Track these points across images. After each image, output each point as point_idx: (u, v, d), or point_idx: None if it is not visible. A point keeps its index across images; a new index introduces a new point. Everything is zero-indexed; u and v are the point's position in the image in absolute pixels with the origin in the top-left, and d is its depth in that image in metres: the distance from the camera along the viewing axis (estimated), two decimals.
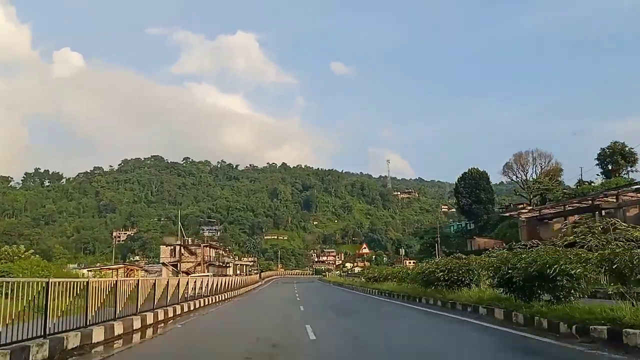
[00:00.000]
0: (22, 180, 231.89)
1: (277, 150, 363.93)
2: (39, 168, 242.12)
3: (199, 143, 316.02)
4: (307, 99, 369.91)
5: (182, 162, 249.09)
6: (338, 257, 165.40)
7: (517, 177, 74.42)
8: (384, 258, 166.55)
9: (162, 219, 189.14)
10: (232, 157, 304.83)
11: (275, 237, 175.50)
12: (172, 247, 62.21)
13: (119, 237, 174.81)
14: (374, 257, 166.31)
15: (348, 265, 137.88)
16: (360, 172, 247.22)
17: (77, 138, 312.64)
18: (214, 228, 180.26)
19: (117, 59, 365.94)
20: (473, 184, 79.29)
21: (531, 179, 70.65)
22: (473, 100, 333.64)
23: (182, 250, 61.32)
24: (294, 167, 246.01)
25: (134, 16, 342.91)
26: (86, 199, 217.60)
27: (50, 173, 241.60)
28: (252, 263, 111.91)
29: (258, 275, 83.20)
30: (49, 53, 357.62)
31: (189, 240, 67.37)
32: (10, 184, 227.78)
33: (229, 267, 77.16)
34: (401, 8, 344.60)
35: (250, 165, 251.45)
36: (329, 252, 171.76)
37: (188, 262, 59.75)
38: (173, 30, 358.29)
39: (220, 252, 76.76)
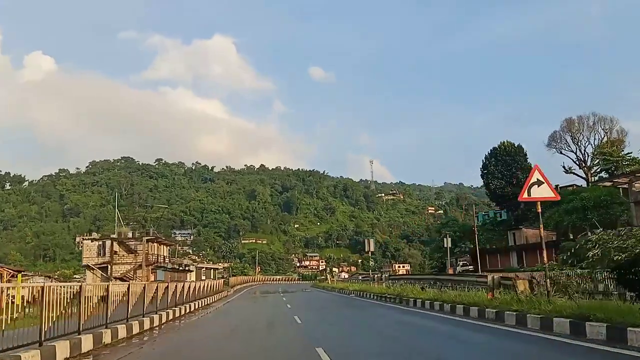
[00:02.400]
0: None
1: (254, 155, 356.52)
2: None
3: (174, 147, 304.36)
4: (285, 104, 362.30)
5: (154, 164, 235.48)
6: (322, 262, 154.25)
7: (567, 149, 58.72)
8: (371, 262, 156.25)
9: (131, 223, 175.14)
10: (208, 161, 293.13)
11: (254, 240, 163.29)
12: (101, 243, 47.31)
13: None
14: (360, 261, 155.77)
15: (335, 269, 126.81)
16: (341, 176, 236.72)
17: (45, 142, 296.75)
18: (187, 232, 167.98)
19: (89, 63, 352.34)
20: (507, 162, 63.24)
21: (594, 151, 55.65)
22: (450, 105, 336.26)
23: (116, 246, 46.47)
24: (273, 168, 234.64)
25: (106, 20, 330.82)
26: (49, 202, 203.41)
27: (11, 175, 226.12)
28: (221, 267, 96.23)
29: (221, 282, 65.57)
30: (19, 56, 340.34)
31: (131, 234, 51.17)
32: None
33: (191, 271, 62.79)
34: (378, 15, 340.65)
35: (227, 167, 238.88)
36: (312, 256, 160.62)
37: (124, 263, 45.69)
38: (147, 34, 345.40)
39: (177, 249, 64.38)
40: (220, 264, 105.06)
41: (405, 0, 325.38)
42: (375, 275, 42.59)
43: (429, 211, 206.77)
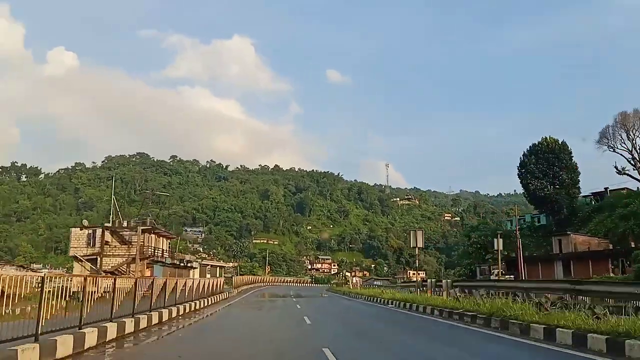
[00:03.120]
0: None
1: (268, 155, 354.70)
2: (15, 162, 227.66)
3: (189, 145, 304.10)
4: (300, 106, 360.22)
5: (169, 160, 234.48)
6: (334, 265, 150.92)
7: (621, 147, 53.49)
8: (385, 268, 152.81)
9: (144, 218, 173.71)
10: (222, 160, 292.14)
11: (265, 240, 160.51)
12: (92, 232, 42.33)
13: None
14: (373, 266, 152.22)
15: (347, 274, 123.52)
16: (355, 180, 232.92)
17: (64, 137, 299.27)
18: (198, 229, 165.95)
19: (110, 60, 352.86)
20: (550, 160, 56.96)
21: None
22: (466, 114, 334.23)
23: (108, 236, 41.62)
24: (287, 169, 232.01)
25: (127, 18, 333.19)
26: (64, 195, 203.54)
27: (27, 167, 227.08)
28: (228, 266, 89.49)
29: (221, 281, 58.91)
30: (42, 52, 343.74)
31: (126, 223, 46.16)
32: None
33: (194, 268, 57.67)
34: (398, 19, 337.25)
35: (241, 166, 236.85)
36: (324, 259, 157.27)
37: (116, 255, 41.50)
38: (167, 33, 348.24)
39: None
40: (228, 263, 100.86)
41: (428, 6, 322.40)
42: (429, 281, 30.91)
43: (446, 218, 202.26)
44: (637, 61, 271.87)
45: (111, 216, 48.79)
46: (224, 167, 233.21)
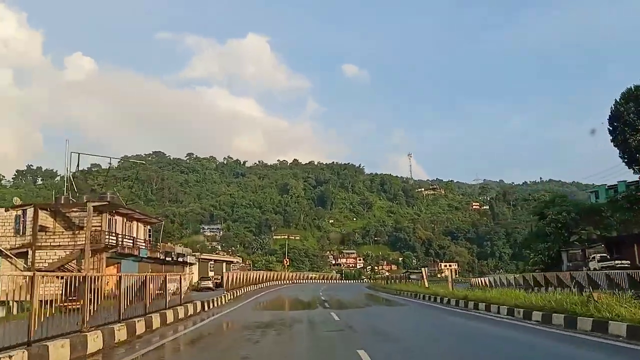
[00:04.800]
0: (12, 178, 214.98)
1: (288, 153, 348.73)
2: (31, 165, 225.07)
3: (208, 146, 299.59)
4: (318, 102, 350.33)
5: (185, 158, 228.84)
6: (359, 259, 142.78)
7: None
8: (413, 260, 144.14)
9: (159, 217, 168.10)
10: (240, 156, 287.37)
11: (286, 236, 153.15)
12: (21, 213, 29.47)
13: None
14: (400, 259, 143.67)
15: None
16: (376, 173, 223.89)
17: (82, 140, 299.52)
18: (216, 227, 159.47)
19: (127, 64, 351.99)
20: None
21: None
22: (486, 105, 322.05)
23: (46, 217, 29.66)
24: (306, 163, 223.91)
25: (143, 21, 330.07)
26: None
27: (43, 170, 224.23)
28: (235, 261, 69.28)
29: (216, 280, 46.89)
30: (60, 58, 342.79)
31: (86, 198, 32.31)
32: (2, 181, 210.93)
33: (191, 264, 45.57)
34: (414, 12, 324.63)
35: (259, 161, 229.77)
36: (349, 253, 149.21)
37: (62, 246, 28.68)
38: (182, 35, 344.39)
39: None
40: (236, 257, 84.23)
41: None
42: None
43: (474, 207, 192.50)
44: None
45: (65, 191, 34.79)
46: (242, 163, 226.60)
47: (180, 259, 44.11)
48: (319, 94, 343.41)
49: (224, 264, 54.70)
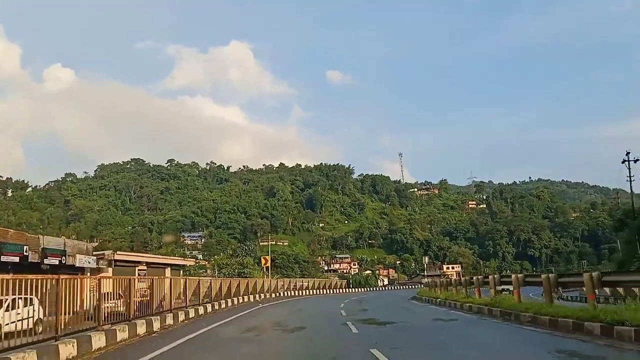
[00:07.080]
0: None
1: (273, 159, 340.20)
2: (0, 176, 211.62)
3: (189, 152, 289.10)
4: (304, 108, 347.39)
5: (165, 165, 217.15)
6: (354, 264, 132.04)
7: None
8: (412, 263, 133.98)
9: (136, 227, 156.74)
10: (223, 161, 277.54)
11: (274, 242, 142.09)
12: None
13: None
14: (398, 262, 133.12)
15: (368, 272, 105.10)
16: (367, 174, 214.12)
17: (60, 151, 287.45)
18: (197, 234, 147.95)
19: (109, 74, 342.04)
20: None
21: None
22: (472, 109, 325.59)
23: None
24: (292, 166, 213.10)
25: (124, 31, 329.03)
26: (52, 209, 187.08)
27: (13, 181, 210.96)
28: (188, 264, 43.19)
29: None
30: (39, 70, 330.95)
31: None
32: None
33: (101, 268, 27.45)
34: (398, 17, 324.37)
35: (244, 166, 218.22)
36: (343, 258, 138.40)
37: None
38: (165, 43, 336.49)
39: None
40: (193, 261, 57.51)
41: (426, 4, 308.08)
42: None
43: (470, 205, 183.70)
44: None
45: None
46: (226, 168, 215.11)
47: (56, 261, 25.03)
48: (303, 100, 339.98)
49: (168, 269, 34.33)
